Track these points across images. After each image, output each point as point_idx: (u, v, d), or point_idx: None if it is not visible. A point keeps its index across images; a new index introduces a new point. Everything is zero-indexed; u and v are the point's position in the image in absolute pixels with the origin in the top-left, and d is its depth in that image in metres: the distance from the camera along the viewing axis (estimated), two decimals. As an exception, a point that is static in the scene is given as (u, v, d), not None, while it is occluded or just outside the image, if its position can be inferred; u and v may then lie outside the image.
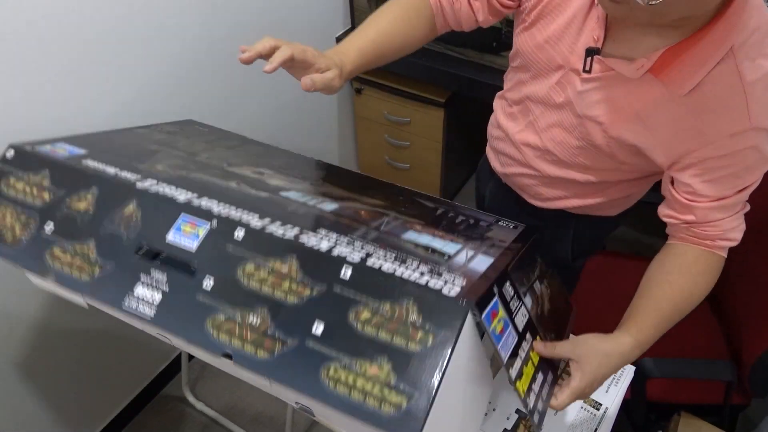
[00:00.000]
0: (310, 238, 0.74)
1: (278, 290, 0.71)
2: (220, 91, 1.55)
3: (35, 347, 1.35)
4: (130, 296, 0.81)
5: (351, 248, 0.73)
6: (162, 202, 0.82)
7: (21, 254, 0.89)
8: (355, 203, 0.96)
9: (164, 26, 1.32)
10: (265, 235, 0.75)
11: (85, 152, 0.94)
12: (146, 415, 1.74)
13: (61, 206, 0.88)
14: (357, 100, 2.11)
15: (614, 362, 0.78)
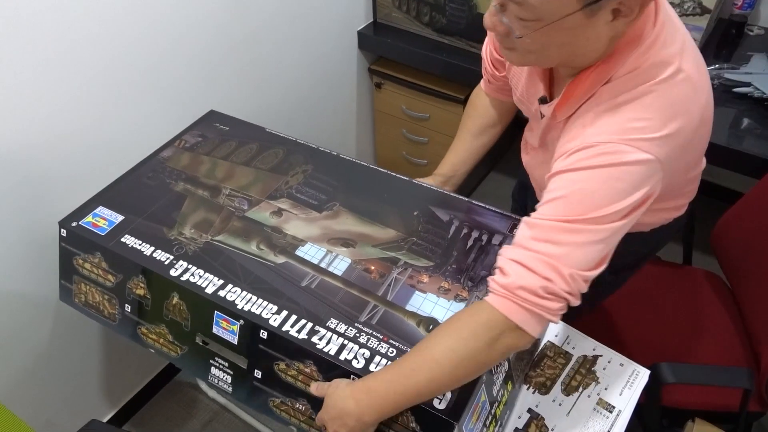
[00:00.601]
0: (321, 339, 0.87)
1: (307, 386, 0.87)
2: (242, 85, 1.56)
3: (55, 332, 1.37)
4: (210, 373, 0.97)
5: (355, 352, 0.85)
6: (196, 297, 0.95)
7: (120, 329, 1.06)
8: (367, 247, 1.02)
9: (187, 21, 1.33)
10: (284, 337, 0.88)
11: (122, 220, 1.08)
12: (159, 400, 1.76)
13: (126, 291, 1.02)
14: (376, 95, 2.11)
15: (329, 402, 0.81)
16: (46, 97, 1.12)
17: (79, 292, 1.10)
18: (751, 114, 1.47)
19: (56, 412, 1.48)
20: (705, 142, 0.88)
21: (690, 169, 0.95)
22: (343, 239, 1.03)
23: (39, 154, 1.16)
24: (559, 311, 0.73)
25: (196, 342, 0.96)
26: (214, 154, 1.24)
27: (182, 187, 1.16)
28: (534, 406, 0.94)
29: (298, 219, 1.08)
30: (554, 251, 0.71)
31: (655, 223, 1.06)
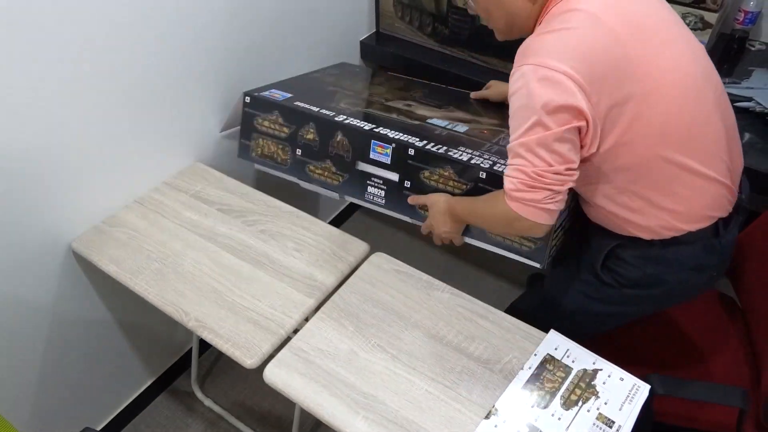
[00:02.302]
0: (455, 153, 1.18)
1: (448, 186, 1.18)
2: (245, 92, 1.56)
3: (51, 337, 1.36)
4: (367, 193, 1.28)
5: (482, 159, 1.16)
6: (357, 131, 1.25)
7: (291, 170, 1.37)
8: (479, 125, 1.37)
9: (190, 29, 1.33)
10: (428, 151, 1.18)
11: (291, 95, 1.39)
12: (155, 408, 1.75)
13: (298, 137, 1.33)
14: (378, 104, 2.11)
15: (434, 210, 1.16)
16: (47, 98, 1.12)
17: (256, 147, 1.40)
18: (753, 129, 1.47)
19: (50, 419, 1.46)
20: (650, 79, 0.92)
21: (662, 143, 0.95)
22: (459, 119, 1.39)
23: (37, 161, 1.16)
24: (544, 201, 0.93)
25: (356, 169, 1.27)
26: (352, 80, 1.61)
27: (332, 88, 1.50)
28: (533, 420, 0.94)
29: (424, 107, 1.45)
30: (520, 162, 0.94)
31: (651, 226, 1.04)
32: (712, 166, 1.00)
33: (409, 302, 1.12)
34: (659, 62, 0.92)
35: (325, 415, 0.95)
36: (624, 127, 0.93)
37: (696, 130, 0.97)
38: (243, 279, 1.17)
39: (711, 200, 1.03)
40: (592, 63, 0.88)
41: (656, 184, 1.00)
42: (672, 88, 0.93)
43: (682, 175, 0.99)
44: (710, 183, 1.01)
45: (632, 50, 0.90)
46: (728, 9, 1.74)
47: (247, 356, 1.03)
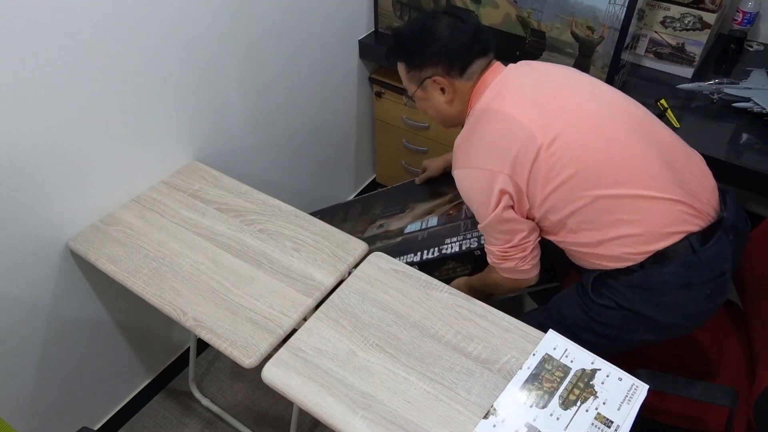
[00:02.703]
0: (447, 248, 1.37)
1: (457, 273, 1.39)
2: (243, 93, 1.56)
3: (48, 336, 1.36)
4: None
5: (468, 241, 1.35)
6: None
7: None
8: (442, 206, 1.53)
9: (191, 28, 1.33)
10: (427, 261, 1.38)
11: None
12: (152, 408, 1.75)
13: None
14: (377, 104, 2.11)
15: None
16: (49, 100, 1.12)
17: None
18: (751, 129, 1.48)
19: (47, 418, 1.46)
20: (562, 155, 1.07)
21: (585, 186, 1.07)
22: (426, 212, 1.54)
23: (34, 159, 1.15)
24: (517, 266, 1.19)
25: None
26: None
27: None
28: (532, 420, 0.93)
29: (393, 219, 1.57)
30: (488, 243, 1.22)
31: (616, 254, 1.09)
32: (649, 187, 1.06)
33: (408, 302, 1.12)
34: (562, 125, 1.07)
35: (323, 414, 0.95)
36: (546, 187, 1.09)
37: (614, 161, 1.06)
38: (241, 278, 1.16)
39: (663, 217, 1.06)
40: (507, 156, 1.08)
41: (601, 218, 1.08)
42: (575, 138, 1.07)
43: (620, 203, 1.07)
44: (655, 202, 1.06)
45: (537, 132, 1.07)
46: (726, 9, 1.74)
47: (245, 356, 1.03)
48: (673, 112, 1.53)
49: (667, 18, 1.62)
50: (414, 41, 1.19)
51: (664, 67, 1.71)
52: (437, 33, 1.16)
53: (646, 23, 1.66)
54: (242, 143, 1.65)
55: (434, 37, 1.16)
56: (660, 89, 1.64)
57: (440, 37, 1.16)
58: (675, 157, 1.11)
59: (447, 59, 1.16)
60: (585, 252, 1.14)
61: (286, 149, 1.84)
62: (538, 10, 1.55)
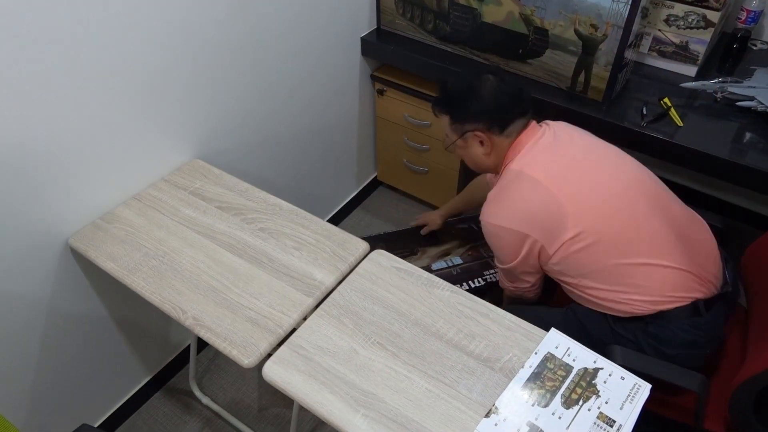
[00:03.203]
0: (489, 277, 1.67)
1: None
2: (245, 90, 1.55)
3: (48, 334, 1.35)
4: None
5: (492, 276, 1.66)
6: None
7: None
8: (458, 249, 1.78)
9: (193, 25, 1.32)
10: (477, 288, 1.65)
11: None
12: (152, 405, 1.74)
13: None
14: (378, 101, 2.10)
15: None
16: (51, 98, 1.11)
17: None
18: (755, 128, 1.47)
19: (47, 415, 1.46)
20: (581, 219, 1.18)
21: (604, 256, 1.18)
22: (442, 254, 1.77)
23: (34, 157, 1.15)
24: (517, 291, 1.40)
25: None
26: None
27: None
28: (534, 418, 0.93)
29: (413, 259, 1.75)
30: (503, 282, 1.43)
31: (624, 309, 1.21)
32: (663, 257, 1.17)
33: (409, 300, 1.11)
34: (589, 197, 1.18)
35: (324, 412, 0.94)
36: (569, 250, 1.20)
37: (632, 234, 1.18)
38: (241, 277, 1.16)
39: (671, 284, 1.18)
40: (536, 221, 1.20)
41: (616, 280, 1.20)
42: (600, 209, 1.18)
43: (636, 270, 1.18)
44: (667, 271, 1.17)
45: (566, 202, 1.17)
46: (731, 8, 1.73)
47: (244, 355, 1.02)
48: (676, 110, 1.52)
49: (671, 16, 1.61)
50: (460, 98, 1.29)
51: (667, 65, 1.70)
52: (482, 93, 1.26)
53: (649, 21, 1.65)
54: (243, 141, 1.64)
55: (479, 96, 1.26)
56: (663, 88, 1.64)
57: (484, 96, 1.26)
58: (686, 230, 1.23)
59: (489, 117, 1.26)
60: (594, 302, 1.25)
61: (288, 147, 1.84)
62: (541, 7, 1.54)
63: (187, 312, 1.10)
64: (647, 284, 1.18)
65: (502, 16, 1.63)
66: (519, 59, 1.69)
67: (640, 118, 1.52)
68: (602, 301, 1.23)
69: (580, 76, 1.59)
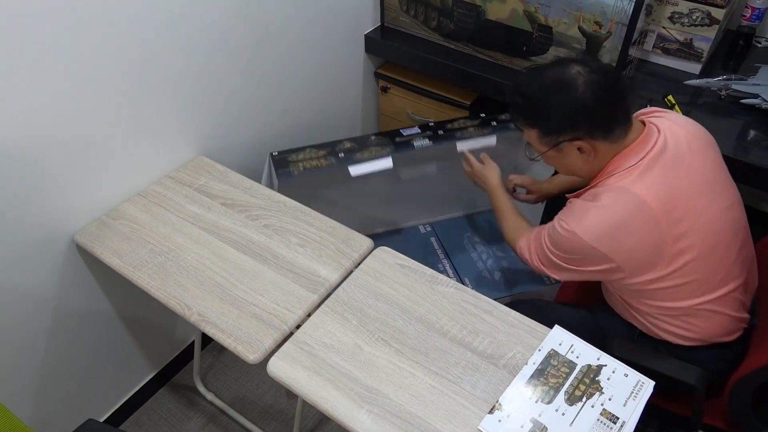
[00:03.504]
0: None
1: None
2: (249, 86, 1.56)
3: (54, 329, 1.36)
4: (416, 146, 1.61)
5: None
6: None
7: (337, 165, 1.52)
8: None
9: (197, 23, 1.32)
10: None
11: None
12: (156, 401, 1.75)
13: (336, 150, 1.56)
14: (382, 99, 2.11)
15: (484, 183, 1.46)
16: (55, 96, 1.12)
17: (296, 168, 1.50)
18: (759, 126, 1.46)
19: (53, 410, 1.47)
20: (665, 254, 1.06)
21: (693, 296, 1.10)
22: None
23: (40, 153, 1.16)
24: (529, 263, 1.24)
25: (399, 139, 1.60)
26: None
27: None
28: (537, 415, 0.93)
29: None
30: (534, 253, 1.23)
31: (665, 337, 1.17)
32: (729, 305, 1.13)
33: (414, 296, 1.11)
34: (692, 237, 1.05)
35: (328, 408, 0.95)
36: (648, 288, 1.10)
37: (720, 281, 1.10)
38: (246, 274, 1.16)
39: (721, 329, 1.15)
40: (629, 250, 1.05)
41: (681, 318, 1.14)
42: (699, 253, 1.06)
43: (705, 313, 1.13)
44: (724, 317, 1.14)
45: (669, 239, 1.04)
46: (735, 5, 1.73)
47: (249, 352, 1.03)
48: (680, 108, 1.52)
49: (675, 13, 1.61)
50: (549, 104, 1.05)
51: (671, 62, 1.70)
52: (576, 91, 1.02)
53: (653, 18, 1.65)
54: (248, 138, 1.65)
55: (573, 95, 1.03)
56: (667, 85, 1.63)
57: (580, 95, 1.02)
58: (752, 272, 1.18)
59: (590, 121, 1.04)
60: (639, 316, 1.20)
61: (292, 143, 1.84)
62: (545, 4, 1.54)
63: (193, 308, 1.10)
64: (703, 326, 1.14)
65: (506, 13, 1.63)
66: (523, 57, 1.69)
67: (644, 115, 1.52)
68: (647, 323, 1.18)
69: (584, 73, 1.59)
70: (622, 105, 1.05)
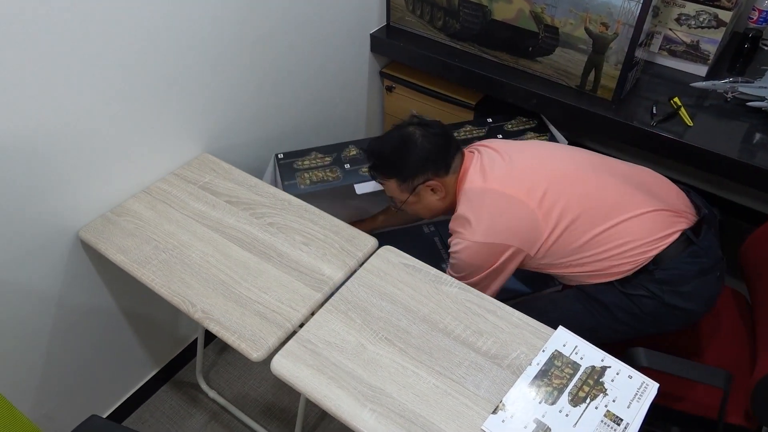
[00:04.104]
0: None
1: None
2: (254, 85, 1.56)
3: (57, 325, 1.36)
4: None
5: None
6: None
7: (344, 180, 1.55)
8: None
9: (203, 22, 1.33)
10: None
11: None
12: (159, 398, 1.76)
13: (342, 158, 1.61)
14: (387, 98, 2.11)
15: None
16: (58, 93, 1.12)
17: (302, 181, 1.54)
18: (765, 128, 1.46)
19: (56, 406, 1.47)
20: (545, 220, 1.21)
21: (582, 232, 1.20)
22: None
23: (43, 149, 1.16)
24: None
25: None
26: None
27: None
28: (541, 416, 0.93)
29: None
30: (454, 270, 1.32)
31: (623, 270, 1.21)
32: (632, 208, 1.20)
33: (418, 296, 1.11)
34: (545, 186, 1.21)
35: (331, 407, 0.95)
36: (546, 243, 1.22)
37: (599, 201, 1.21)
38: (250, 271, 1.16)
39: (652, 226, 1.19)
40: (511, 229, 1.22)
41: (602, 249, 1.20)
42: (559, 194, 1.20)
43: (615, 231, 1.19)
44: (642, 218, 1.19)
45: (532, 203, 1.20)
46: (742, 7, 1.72)
47: (253, 349, 1.03)
48: (686, 110, 1.51)
49: (682, 15, 1.61)
50: (399, 157, 1.30)
51: (678, 64, 1.70)
52: (417, 143, 1.28)
53: (660, 20, 1.64)
54: (253, 136, 1.65)
55: (416, 147, 1.28)
56: (673, 87, 1.63)
57: (420, 145, 1.28)
58: (640, 180, 1.26)
59: (434, 163, 1.29)
60: (591, 273, 1.24)
61: (297, 142, 1.84)
62: (551, 5, 1.54)
63: (197, 305, 1.10)
64: (633, 236, 1.19)
65: (513, 13, 1.63)
66: (529, 57, 1.68)
67: (649, 117, 1.52)
68: (599, 271, 1.23)
69: (590, 74, 1.59)
70: (452, 143, 1.31)
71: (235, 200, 1.33)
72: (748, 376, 1.26)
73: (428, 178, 1.29)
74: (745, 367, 1.29)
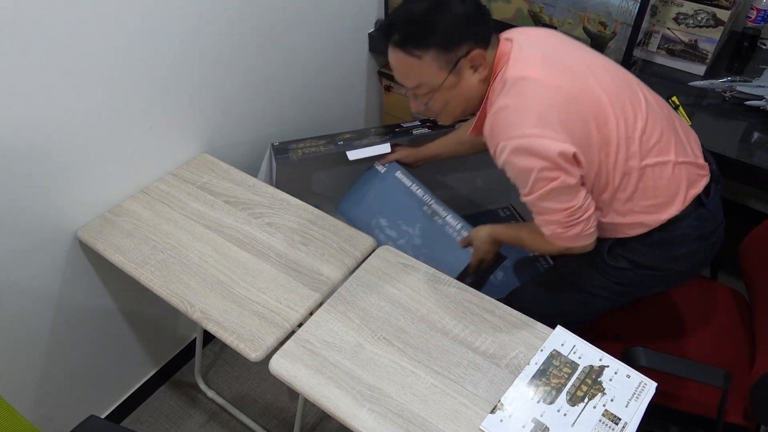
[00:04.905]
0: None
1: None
2: (253, 84, 1.56)
3: (56, 325, 1.36)
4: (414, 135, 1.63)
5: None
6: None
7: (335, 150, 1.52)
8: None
9: (201, 20, 1.32)
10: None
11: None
12: (157, 398, 1.75)
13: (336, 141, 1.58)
14: (386, 98, 2.10)
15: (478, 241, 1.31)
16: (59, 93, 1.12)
17: (296, 152, 1.52)
18: (763, 127, 1.46)
19: (55, 406, 1.47)
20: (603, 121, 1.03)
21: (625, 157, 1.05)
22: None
23: (44, 150, 1.16)
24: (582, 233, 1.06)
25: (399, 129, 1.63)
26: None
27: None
28: (539, 415, 0.93)
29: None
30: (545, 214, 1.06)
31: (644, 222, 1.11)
32: (668, 152, 1.08)
33: (416, 296, 1.11)
34: (595, 93, 1.03)
35: (330, 407, 0.95)
36: (594, 157, 1.04)
37: (647, 131, 1.06)
38: (248, 271, 1.16)
39: (682, 182, 1.10)
40: (563, 123, 0.99)
41: (639, 189, 1.08)
42: (611, 111, 1.04)
43: (659, 171, 1.07)
44: (678, 167, 1.09)
45: (577, 93, 1.02)
46: (740, 6, 1.72)
47: (251, 349, 1.03)
48: (684, 109, 1.51)
49: (680, 14, 1.61)
50: (439, 21, 1.01)
51: (676, 64, 1.70)
52: (457, 6, 1.01)
53: (658, 19, 1.64)
54: (252, 136, 1.65)
55: (457, 11, 1.01)
56: (672, 86, 1.63)
57: (461, 10, 1.01)
58: (670, 118, 1.13)
59: (476, 27, 1.03)
60: (607, 225, 1.13)
61: (295, 142, 1.84)
62: (550, 4, 1.54)
63: (195, 305, 1.10)
64: (662, 184, 1.08)
65: (511, 12, 1.63)
66: (527, 56, 1.68)
67: (648, 116, 1.52)
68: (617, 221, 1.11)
69: (588, 74, 1.59)
70: (488, 11, 1.08)
71: (234, 200, 1.33)
72: (747, 374, 1.26)
73: (471, 48, 1.03)
74: (744, 365, 1.29)
